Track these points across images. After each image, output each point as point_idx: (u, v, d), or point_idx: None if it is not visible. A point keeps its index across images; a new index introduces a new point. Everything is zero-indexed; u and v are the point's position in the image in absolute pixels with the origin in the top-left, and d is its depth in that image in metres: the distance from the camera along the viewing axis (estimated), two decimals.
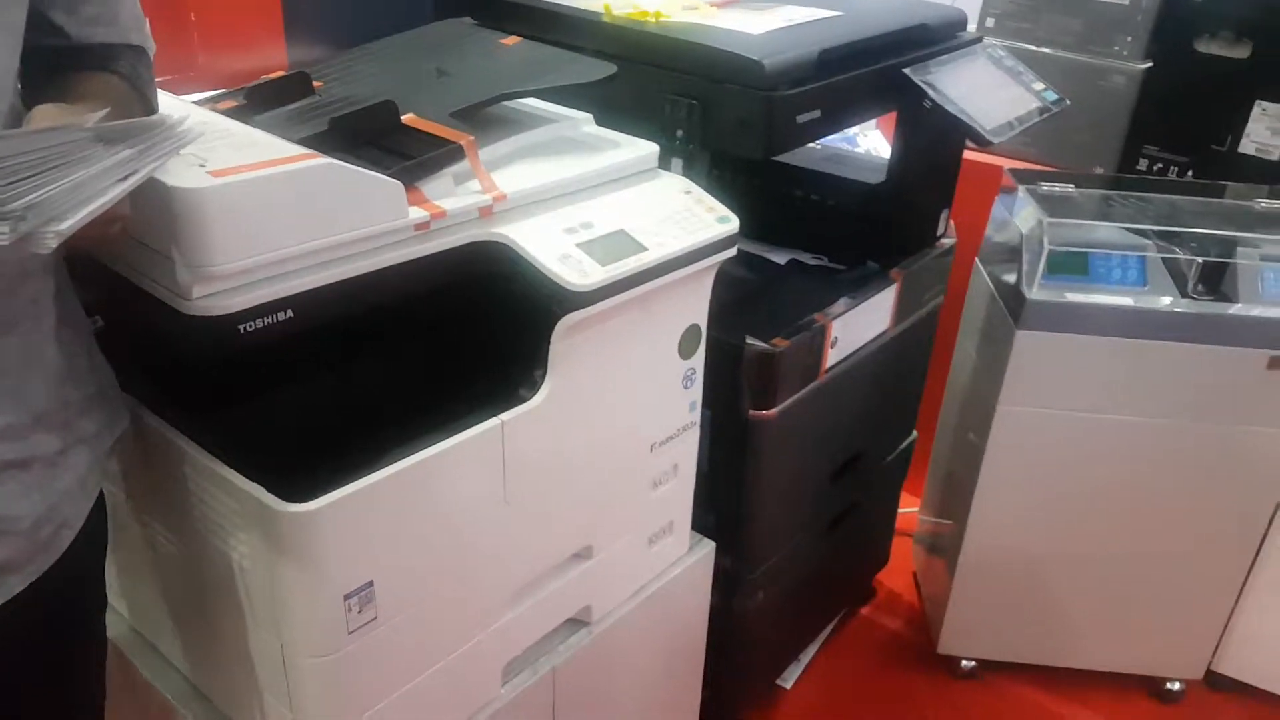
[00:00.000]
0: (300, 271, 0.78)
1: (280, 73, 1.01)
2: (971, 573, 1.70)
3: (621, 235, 0.97)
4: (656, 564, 1.25)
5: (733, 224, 1.05)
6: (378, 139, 0.91)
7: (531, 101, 1.12)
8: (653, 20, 1.23)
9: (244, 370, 0.84)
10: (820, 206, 1.54)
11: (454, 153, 0.91)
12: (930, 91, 1.24)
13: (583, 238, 0.95)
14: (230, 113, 0.91)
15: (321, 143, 0.86)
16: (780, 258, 1.47)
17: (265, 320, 0.76)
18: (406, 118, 0.95)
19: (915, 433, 1.79)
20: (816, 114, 1.13)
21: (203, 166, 0.73)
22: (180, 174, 0.70)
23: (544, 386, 0.95)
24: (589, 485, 1.08)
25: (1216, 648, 1.73)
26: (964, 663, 1.79)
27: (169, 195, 0.69)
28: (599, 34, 1.21)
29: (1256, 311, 1.43)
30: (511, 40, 1.18)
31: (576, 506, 1.08)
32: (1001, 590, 1.71)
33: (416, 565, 0.91)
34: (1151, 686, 1.77)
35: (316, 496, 0.79)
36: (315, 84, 1.01)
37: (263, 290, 0.75)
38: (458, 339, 1.01)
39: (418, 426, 0.88)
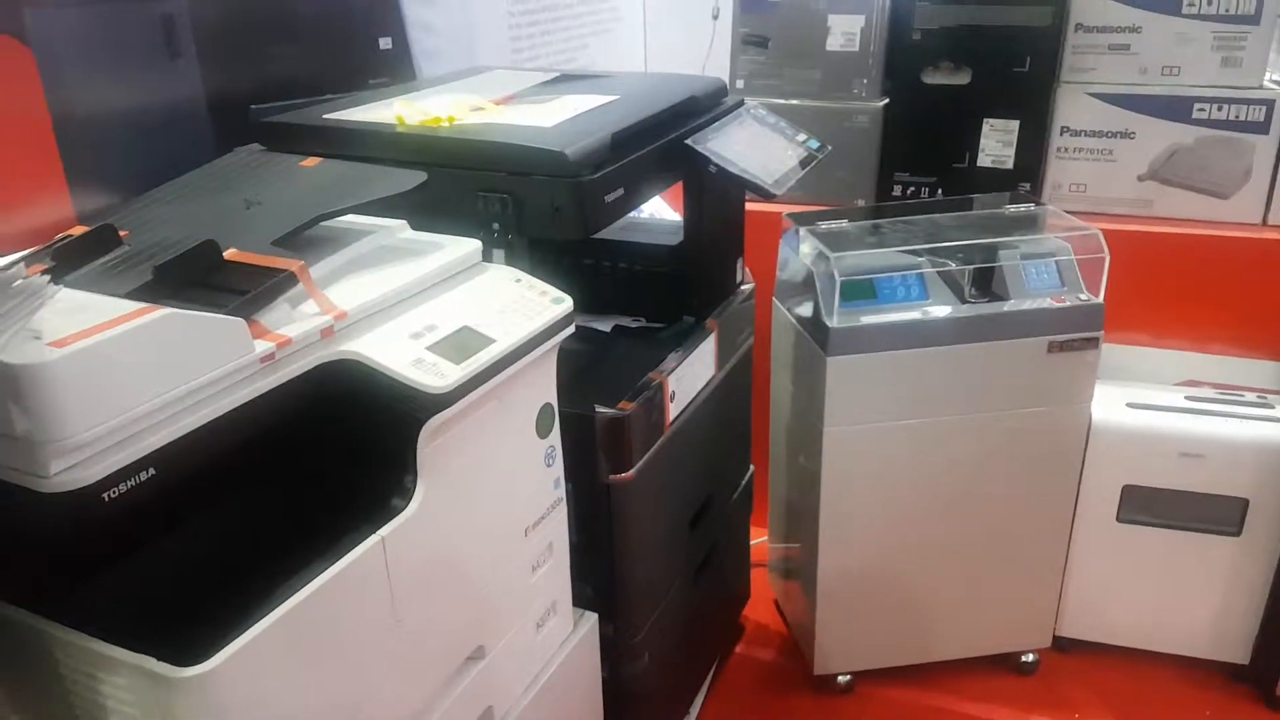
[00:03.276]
0: (157, 426, 0.76)
1: (82, 228, 0.97)
2: (830, 592, 1.79)
3: (467, 331, 1.00)
4: (546, 648, 1.26)
5: (567, 304, 1.10)
6: (205, 279, 0.89)
7: (343, 217, 1.12)
8: (447, 125, 1.27)
9: (110, 538, 0.79)
10: (630, 272, 1.62)
11: (287, 280, 0.91)
12: (713, 158, 1.34)
13: (430, 340, 0.96)
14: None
15: (150, 293, 0.84)
16: (605, 325, 1.53)
17: (128, 483, 0.73)
18: (229, 253, 0.94)
19: (752, 467, 1.89)
20: (621, 192, 1.21)
21: (39, 339, 0.70)
22: (18, 349, 0.67)
23: (417, 493, 0.95)
24: (473, 582, 1.08)
25: (1057, 614, 1.89)
26: (840, 678, 1.87)
27: (14, 374, 0.66)
28: (398, 145, 1.24)
29: (1026, 304, 1.63)
30: (311, 161, 1.19)
31: (464, 607, 1.07)
32: (860, 603, 1.81)
33: (318, 701, 0.88)
34: (1009, 662, 1.92)
35: (210, 656, 0.76)
36: (121, 234, 0.97)
37: (122, 453, 0.73)
38: (323, 462, 0.99)
39: (299, 560, 0.86)
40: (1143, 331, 1.91)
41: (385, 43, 1.77)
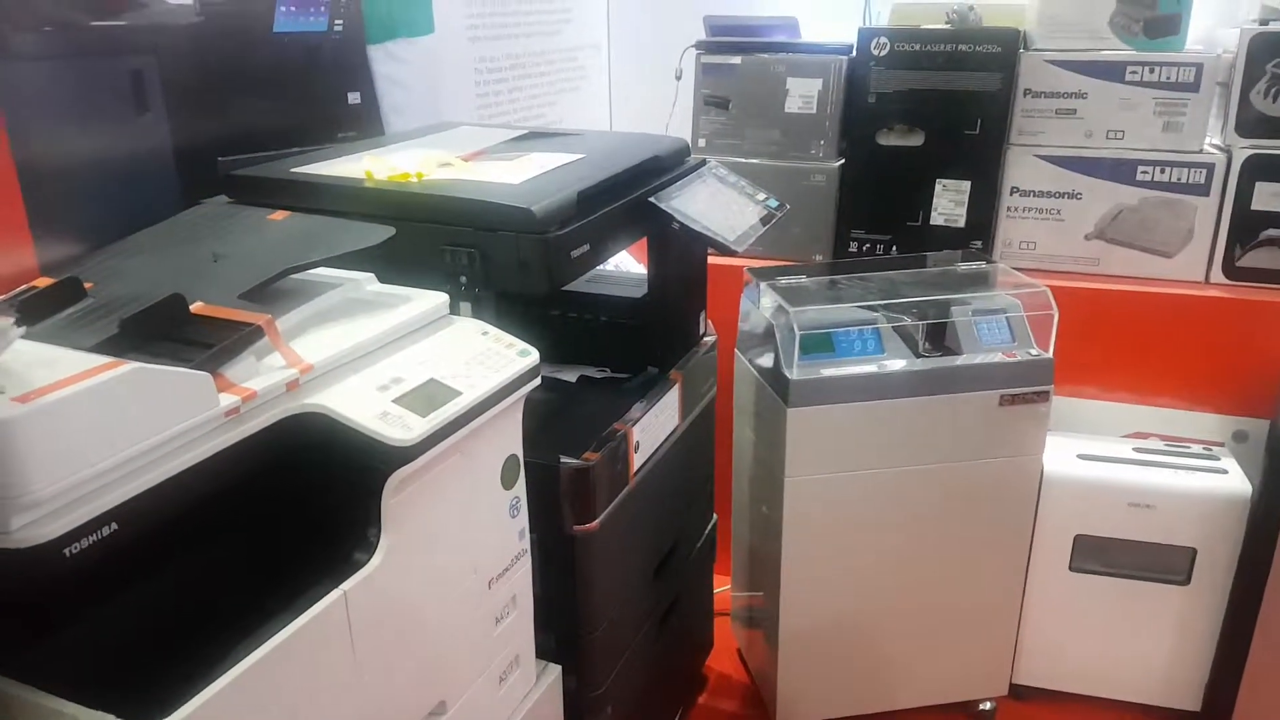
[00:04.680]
0: (120, 481, 0.76)
1: (47, 280, 0.98)
2: (792, 642, 1.80)
3: (434, 384, 1.01)
4: (509, 703, 1.25)
5: (533, 356, 1.11)
6: (171, 333, 0.90)
7: (311, 270, 1.13)
8: (415, 181, 1.29)
9: (70, 593, 0.79)
10: (595, 324, 1.64)
11: (254, 334, 0.92)
12: (676, 215, 1.38)
13: (397, 393, 0.97)
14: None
15: (116, 346, 0.84)
16: (570, 376, 1.55)
17: (90, 538, 0.73)
18: (195, 307, 0.94)
19: (715, 516, 1.90)
20: (586, 248, 1.23)
21: (2, 393, 0.70)
22: None
23: (380, 546, 0.95)
24: (436, 635, 1.07)
25: (1013, 662, 1.92)
26: None
27: None
28: (366, 200, 1.26)
29: (979, 359, 1.67)
30: (279, 215, 1.20)
31: (426, 661, 1.07)
32: (822, 653, 1.82)
33: None
34: (968, 710, 1.93)
35: (170, 712, 0.75)
36: (86, 286, 0.98)
37: (85, 508, 0.72)
38: (287, 514, 0.99)
39: (261, 614, 0.86)
40: (1092, 384, 1.96)
41: (354, 97, 1.79)
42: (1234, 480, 1.77)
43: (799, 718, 1.87)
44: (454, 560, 1.08)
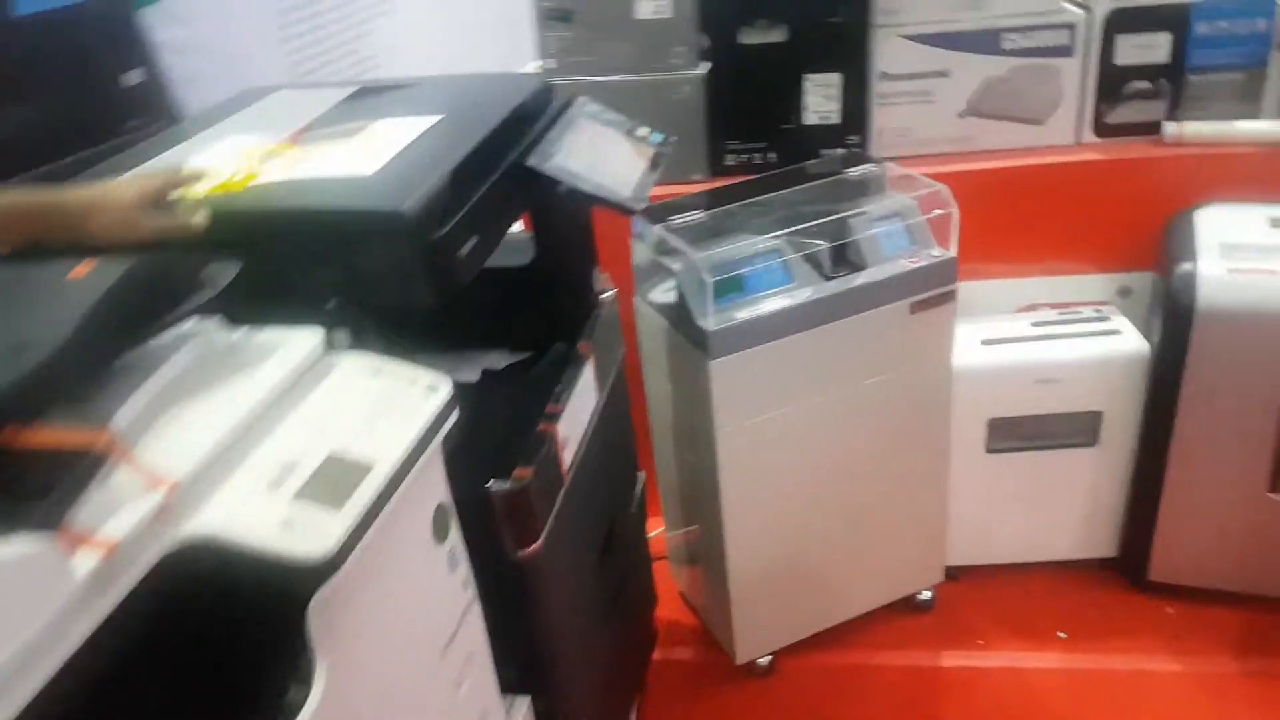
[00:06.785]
0: None
1: None
2: (741, 585, 1.75)
3: (335, 462, 0.82)
4: None
5: (446, 388, 0.93)
6: None
7: None
8: (241, 189, 1.04)
9: None
10: (481, 302, 1.44)
11: (96, 462, 0.71)
12: (563, 178, 1.19)
13: (294, 485, 0.78)
14: None
15: None
16: (470, 373, 1.36)
17: None
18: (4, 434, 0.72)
19: (643, 473, 1.78)
20: (475, 240, 1.04)
21: None
22: None
23: (318, 677, 0.78)
24: None
25: (945, 548, 1.93)
26: (760, 661, 1.84)
27: None
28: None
29: (885, 270, 1.60)
30: (84, 268, 0.95)
31: None
32: (770, 588, 1.78)
33: None
34: (909, 604, 1.95)
35: None
36: None
37: None
38: (200, 664, 0.80)
39: None
40: (982, 263, 1.91)
41: (133, 77, 1.49)
42: (1129, 340, 1.81)
43: (756, 653, 1.84)
44: (400, 649, 0.92)
